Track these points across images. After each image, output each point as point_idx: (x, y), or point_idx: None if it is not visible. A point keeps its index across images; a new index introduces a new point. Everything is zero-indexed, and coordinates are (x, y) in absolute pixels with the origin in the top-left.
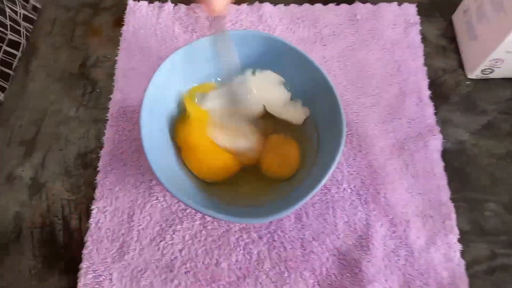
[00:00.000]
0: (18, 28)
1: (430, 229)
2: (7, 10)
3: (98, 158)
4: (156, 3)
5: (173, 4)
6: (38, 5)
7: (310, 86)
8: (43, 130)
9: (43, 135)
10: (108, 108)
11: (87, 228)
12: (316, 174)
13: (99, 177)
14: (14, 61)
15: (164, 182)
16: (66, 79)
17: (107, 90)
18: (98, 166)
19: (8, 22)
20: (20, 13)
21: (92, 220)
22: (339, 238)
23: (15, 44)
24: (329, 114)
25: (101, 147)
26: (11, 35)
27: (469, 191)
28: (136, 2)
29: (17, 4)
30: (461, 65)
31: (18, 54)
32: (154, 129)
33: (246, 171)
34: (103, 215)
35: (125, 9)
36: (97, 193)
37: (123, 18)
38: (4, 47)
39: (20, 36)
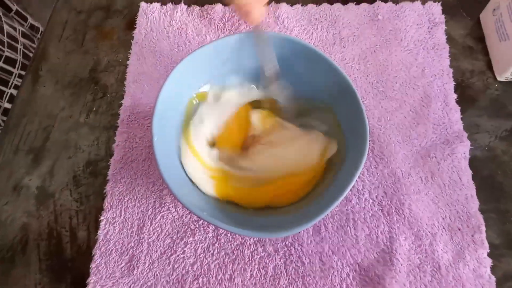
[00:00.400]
0: (16, 45)
1: (458, 242)
2: (6, 26)
3: (107, 167)
4: (169, 5)
5: (186, 6)
6: (36, 24)
7: (332, 90)
8: (52, 137)
9: (52, 143)
10: (119, 114)
11: (95, 240)
12: (336, 184)
13: (108, 187)
14: (10, 78)
15: (175, 193)
16: (77, 84)
17: (118, 96)
18: (107, 175)
19: (5, 39)
20: (19, 30)
21: (100, 232)
22: (360, 252)
23: (11, 61)
24: (351, 120)
25: (111, 155)
26: (8, 51)
27: (500, 202)
28: (149, 4)
29: (15, 21)
30: (489, 67)
31: (15, 71)
32: (167, 136)
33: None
34: (112, 227)
35: (137, 11)
36: (106, 203)
37: (135, 21)
38: (1, 64)
39: (17, 53)
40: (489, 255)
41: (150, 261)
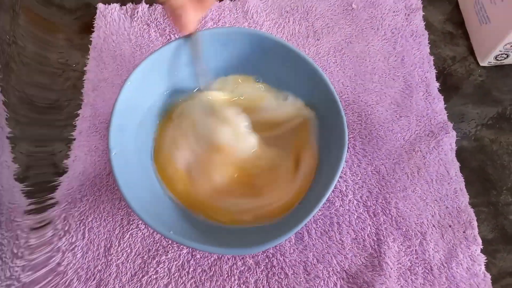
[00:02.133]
0: None
1: (450, 240)
2: None
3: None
4: (129, 5)
5: (147, 5)
6: None
7: (306, 87)
8: None
9: None
10: (75, 126)
11: None
12: (317, 187)
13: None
14: None
15: (137, 211)
16: None
17: (73, 105)
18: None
19: None
20: None
21: None
22: (347, 258)
23: None
24: (329, 119)
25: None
26: None
27: (491, 194)
28: (107, 5)
29: None
30: (471, 52)
31: None
32: (128, 149)
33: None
34: (71, 253)
35: (94, 13)
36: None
37: (93, 23)
38: None
39: None
40: (482, 251)
41: (119, 285)
